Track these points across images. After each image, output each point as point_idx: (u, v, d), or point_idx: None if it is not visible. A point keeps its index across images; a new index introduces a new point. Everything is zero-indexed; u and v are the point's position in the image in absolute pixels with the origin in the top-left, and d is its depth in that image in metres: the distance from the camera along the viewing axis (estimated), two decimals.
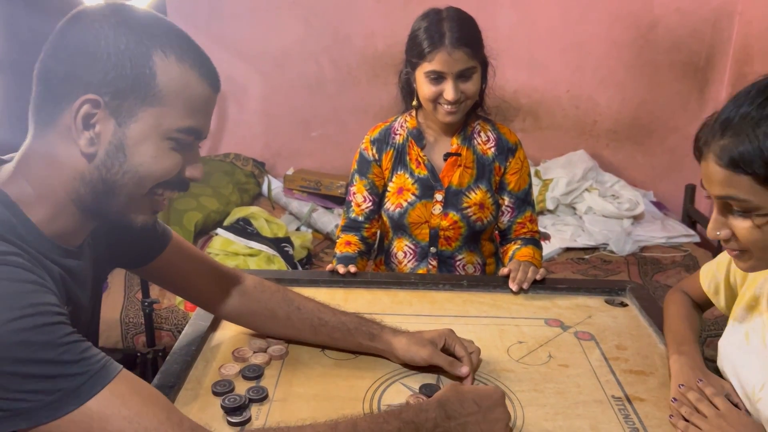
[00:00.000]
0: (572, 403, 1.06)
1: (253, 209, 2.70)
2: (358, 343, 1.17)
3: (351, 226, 1.70)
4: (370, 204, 1.68)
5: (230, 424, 0.98)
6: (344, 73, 3.31)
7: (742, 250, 0.94)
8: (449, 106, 1.52)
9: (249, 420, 0.99)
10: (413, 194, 1.64)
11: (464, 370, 1.09)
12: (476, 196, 1.63)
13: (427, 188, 1.64)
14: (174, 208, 2.64)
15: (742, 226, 0.91)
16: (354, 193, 1.70)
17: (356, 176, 1.69)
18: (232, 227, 2.57)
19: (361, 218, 1.69)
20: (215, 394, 1.05)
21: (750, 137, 0.86)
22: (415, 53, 1.54)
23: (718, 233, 0.94)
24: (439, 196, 1.63)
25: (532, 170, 3.06)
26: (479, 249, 1.71)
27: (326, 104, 3.35)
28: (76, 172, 0.83)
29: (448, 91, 1.50)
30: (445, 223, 1.63)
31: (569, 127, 3.36)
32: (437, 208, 1.63)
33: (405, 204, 1.64)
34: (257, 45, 3.27)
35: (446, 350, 1.13)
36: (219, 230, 2.56)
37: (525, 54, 3.22)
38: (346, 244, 1.68)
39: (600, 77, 3.27)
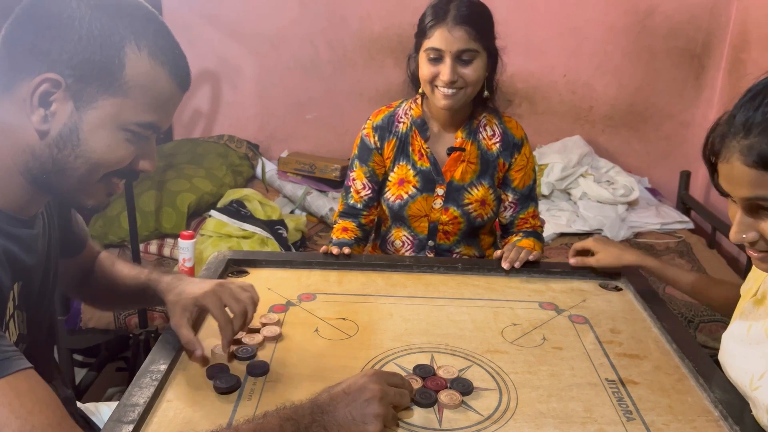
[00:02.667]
0: (566, 385, 1.06)
1: (247, 191, 2.69)
2: (156, 301, 1.15)
3: (349, 212, 1.68)
4: (369, 192, 1.65)
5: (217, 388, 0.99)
6: (340, 55, 3.28)
7: None
8: (445, 89, 1.47)
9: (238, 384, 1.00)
10: (414, 187, 1.61)
11: (196, 353, 1.05)
12: (478, 192, 1.61)
13: (428, 182, 1.61)
14: (167, 190, 2.62)
15: None
16: (353, 180, 1.67)
17: (356, 162, 1.66)
18: (225, 209, 2.55)
19: (359, 205, 1.66)
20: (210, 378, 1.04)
21: None
22: (419, 31, 1.51)
23: (744, 236, 0.91)
24: (440, 191, 1.61)
25: None
26: (477, 243, 1.70)
27: (321, 87, 3.33)
28: (27, 145, 0.82)
29: (444, 71, 1.45)
30: (444, 218, 1.62)
31: (565, 112, 3.34)
32: (438, 203, 1.61)
33: (405, 196, 1.62)
34: (252, 26, 3.24)
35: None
36: (212, 212, 2.54)
37: (522, 38, 3.20)
38: (343, 230, 1.66)
39: (597, 63, 3.25)
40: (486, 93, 1.57)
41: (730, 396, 1.02)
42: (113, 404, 1.01)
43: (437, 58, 1.46)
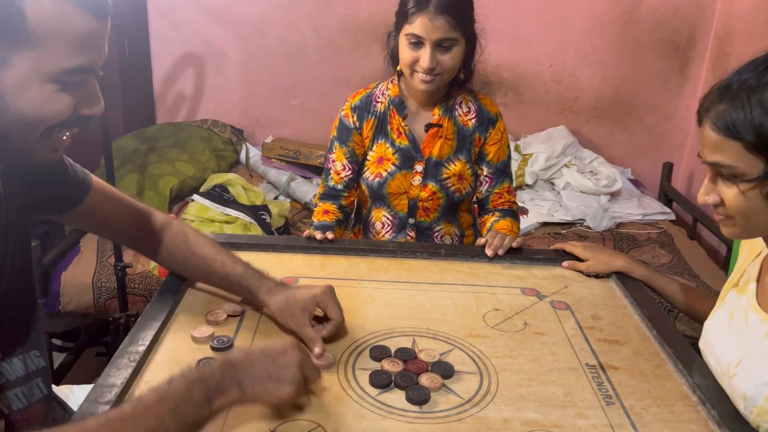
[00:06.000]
0: (546, 369, 1.06)
1: (231, 176, 2.67)
2: (245, 297, 1.18)
3: (329, 194, 1.67)
4: (350, 172, 1.65)
5: None
6: (326, 41, 3.26)
7: (728, 216, 0.95)
8: (424, 75, 1.50)
9: None
10: (393, 164, 1.62)
11: (316, 351, 1.04)
12: (455, 167, 1.62)
13: (407, 159, 1.62)
14: (149, 173, 2.60)
15: (729, 192, 0.92)
16: (333, 161, 1.66)
17: (336, 143, 1.66)
18: (208, 193, 2.53)
19: (340, 186, 1.66)
20: None
21: (743, 104, 0.87)
22: (400, 13, 1.51)
23: (707, 198, 0.96)
24: (419, 167, 1.62)
25: (512, 144, 3.07)
26: (457, 220, 1.70)
27: (307, 72, 3.30)
28: None
29: (424, 58, 1.47)
30: (424, 194, 1.62)
31: (550, 102, 3.35)
32: (417, 179, 1.62)
33: (385, 174, 1.62)
34: (237, 9, 3.20)
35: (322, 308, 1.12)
36: (195, 196, 2.52)
37: (509, 28, 3.20)
38: (324, 212, 1.65)
39: (582, 53, 3.26)
40: (462, 75, 1.59)
41: (709, 381, 1.03)
42: (89, 387, 0.99)
43: (417, 43, 1.48)
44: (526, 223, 2.71)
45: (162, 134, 2.94)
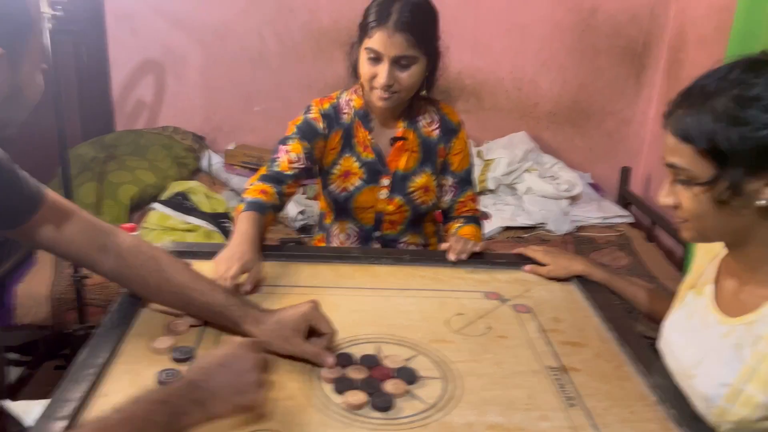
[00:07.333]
0: (509, 373, 1.07)
1: (192, 184, 2.63)
2: (226, 326, 1.11)
3: (273, 177, 1.53)
4: (303, 166, 1.55)
5: None
6: (288, 47, 3.24)
7: (685, 219, 0.98)
8: (381, 91, 1.46)
9: None
10: (360, 178, 1.60)
11: (329, 361, 1.03)
12: (421, 180, 1.61)
13: (373, 173, 1.60)
14: (108, 182, 2.55)
15: (684, 195, 0.95)
16: (288, 151, 1.54)
17: (296, 138, 1.55)
18: (169, 201, 2.50)
19: (288, 173, 1.53)
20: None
21: (698, 109, 0.89)
22: (362, 26, 1.48)
23: (666, 200, 0.99)
24: (385, 181, 1.60)
25: (475, 150, 3.10)
26: (422, 230, 1.71)
27: (269, 79, 3.28)
28: None
29: (381, 74, 1.44)
30: (390, 208, 1.62)
31: (511, 108, 3.40)
32: (383, 193, 1.61)
33: (351, 188, 1.60)
34: (197, 15, 3.17)
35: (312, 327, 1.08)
36: (155, 204, 2.48)
37: (469, 35, 3.23)
38: (262, 192, 1.49)
39: (542, 60, 3.31)
40: (424, 92, 1.56)
41: (667, 381, 1.06)
42: (47, 402, 0.96)
43: (376, 58, 1.45)
44: (489, 227, 2.74)
45: (121, 141, 2.89)
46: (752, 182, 0.89)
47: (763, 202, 0.89)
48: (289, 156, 1.54)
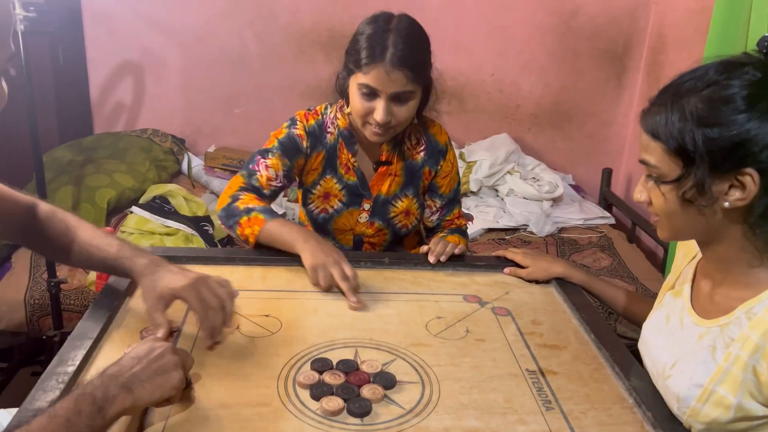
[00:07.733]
0: (488, 376, 1.07)
1: (171, 187, 2.60)
2: (124, 276, 1.15)
3: (255, 190, 1.51)
4: (279, 184, 1.53)
5: None
6: (269, 49, 3.22)
7: (658, 217, 0.99)
8: (377, 128, 1.41)
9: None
10: (340, 201, 1.57)
11: (159, 334, 1.03)
12: (403, 204, 1.59)
13: (354, 196, 1.57)
14: (86, 185, 2.51)
15: (654, 192, 0.96)
16: (267, 166, 1.50)
17: (278, 152, 1.51)
18: (148, 205, 2.46)
19: (266, 192, 1.51)
20: None
21: (668, 108, 0.90)
22: (352, 59, 1.39)
23: (640, 196, 1.00)
24: (366, 205, 1.58)
25: (457, 152, 3.10)
26: (402, 247, 1.70)
27: (250, 80, 3.26)
28: None
29: (379, 111, 1.37)
30: (370, 231, 1.60)
31: (493, 110, 3.40)
32: (363, 217, 1.59)
33: (331, 210, 1.58)
34: (176, 16, 3.14)
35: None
36: (134, 208, 2.45)
37: (451, 37, 3.23)
38: (258, 199, 1.49)
39: (523, 62, 3.32)
40: (414, 120, 1.53)
41: (645, 383, 1.06)
42: (14, 410, 0.94)
43: (371, 94, 1.38)
44: (471, 229, 2.74)
45: (99, 144, 2.85)
46: (717, 183, 0.89)
47: (727, 204, 0.89)
48: (268, 172, 1.51)
